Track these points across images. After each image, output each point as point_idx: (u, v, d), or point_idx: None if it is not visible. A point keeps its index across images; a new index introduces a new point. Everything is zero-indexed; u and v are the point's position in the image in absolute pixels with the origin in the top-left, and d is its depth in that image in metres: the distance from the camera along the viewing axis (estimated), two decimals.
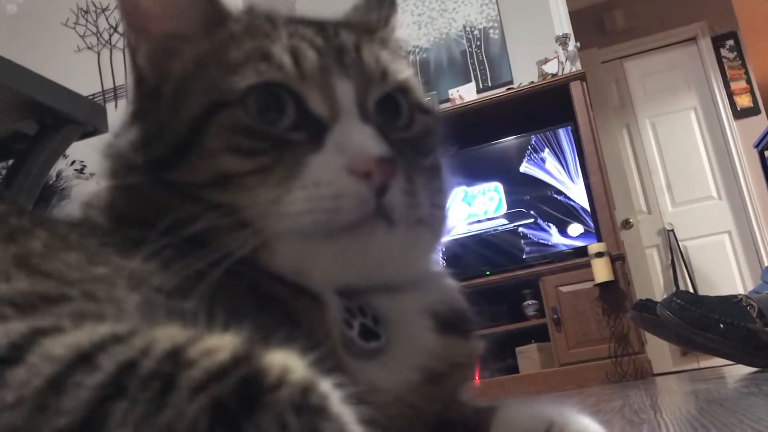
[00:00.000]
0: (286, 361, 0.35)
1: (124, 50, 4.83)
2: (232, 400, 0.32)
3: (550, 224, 4.03)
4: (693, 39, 5.56)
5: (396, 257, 0.58)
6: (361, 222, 0.54)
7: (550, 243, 4.01)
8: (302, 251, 0.55)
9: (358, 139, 0.55)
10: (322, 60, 0.58)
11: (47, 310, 0.42)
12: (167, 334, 0.36)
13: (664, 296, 4.91)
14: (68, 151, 1.94)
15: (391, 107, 0.62)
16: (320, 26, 0.63)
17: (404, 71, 0.64)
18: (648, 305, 2.39)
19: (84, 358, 0.34)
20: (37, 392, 0.32)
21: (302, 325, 0.54)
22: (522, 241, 4.03)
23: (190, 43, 0.61)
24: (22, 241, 0.52)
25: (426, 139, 0.64)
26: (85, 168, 4.54)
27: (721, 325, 2.15)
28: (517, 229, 4.06)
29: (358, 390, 0.38)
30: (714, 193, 5.31)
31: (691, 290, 4.91)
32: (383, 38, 0.67)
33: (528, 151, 4.18)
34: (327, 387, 0.34)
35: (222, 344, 0.35)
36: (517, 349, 3.76)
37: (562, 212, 4.02)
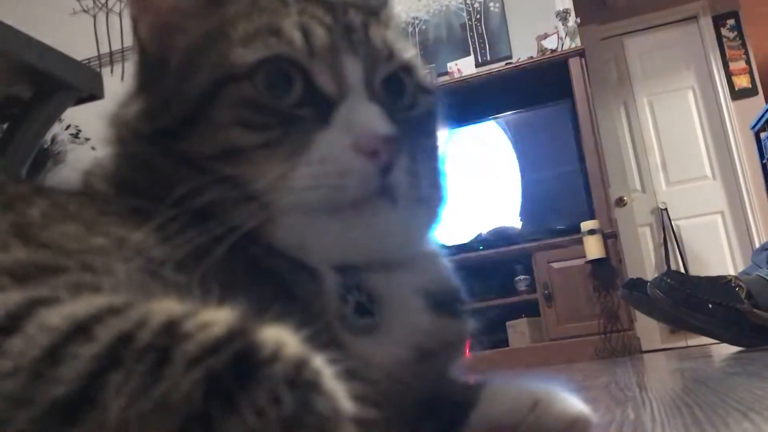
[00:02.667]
0: (281, 337, 0.36)
1: (120, 14, 4.78)
2: (227, 374, 0.32)
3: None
4: (694, 17, 5.52)
5: (396, 235, 0.59)
6: (365, 200, 0.55)
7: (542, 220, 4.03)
8: (305, 227, 0.55)
9: (365, 117, 0.56)
10: (331, 38, 0.58)
11: (44, 280, 0.42)
12: (163, 307, 0.37)
13: (655, 275, 4.96)
14: (63, 116, 1.93)
15: (395, 87, 0.62)
16: (329, 5, 0.63)
17: (409, 51, 0.65)
18: (638, 284, 2.42)
19: (80, 329, 0.34)
20: (34, 361, 0.33)
21: (299, 300, 0.54)
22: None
23: (195, 19, 0.61)
24: (20, 209, 0.52)
25: (428, 120, 0.65)
26: (80, 132, 4.53)
27: (710, 305, 2.18)
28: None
29: (351, 365, 0.39)
30: (709, 173, 5.32)
31: (683, 270, 4.95)
32: (386, 18, 0.67)
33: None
34: (320, 363, 0.35)
35: (217, 318, 0.36)
36: (508, 323, 3.79)
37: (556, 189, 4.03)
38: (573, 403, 0.58)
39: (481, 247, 3.87)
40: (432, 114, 0.66)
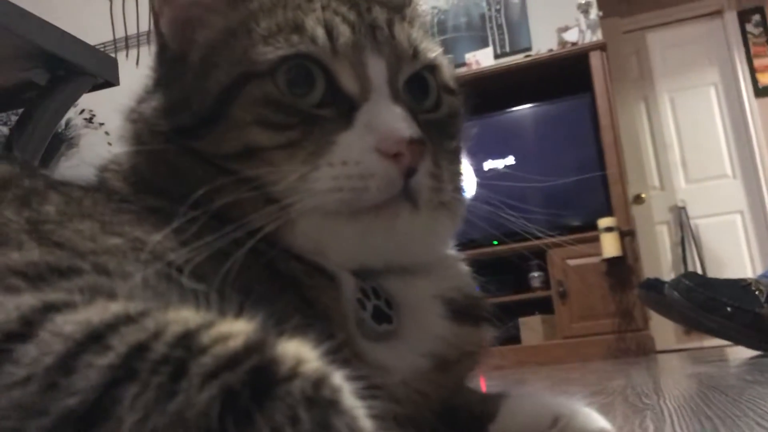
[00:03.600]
0: (299, 351, 0.35)
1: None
2: (244, 391, 0.31)
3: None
4: (719, 12, 5.44)
5: (417, 240, 0.58)
6: (387, 203, 0.54)
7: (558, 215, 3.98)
8: (325, 229, 0.55)
9: (389, 119, 0.55)
10: (355, 36, 0.57)
11: (58, 283, 0.42)
12: (180, 317, 0.36)
13: (672, 274, 4.92)
14: (78, 100, 1.94)
15: (419, 86, 0.61)
16: (353, 1, 0.61)
17: (434, 50, 0.63)
18: (656, 284, 2.39)
19: (95, 338, 0.34)
20: (47, 370, 0.32)
21: (317, 305, 0.54)
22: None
23: (218, 13, 0.60)
24: (35, 205, 0.52)
25: (452, 122, 0.64)
26: (94, 117, 4.54)
27: (728, 309, 2.15)
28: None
29: (369, 374, 0.38)
30: (729, 172, 5.25)
31: (700, 269, 4.90)
32: (411, 16, 0.65)
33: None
34: (339, 379, 0.34)
35: (235, 330, 0.35)
36: (521, 319, 3.77)
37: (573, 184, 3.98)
38: (594, 419, 0.57)
39: (495, 242, 3.84)
40: (456, 115, 0.64)
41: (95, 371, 0.32)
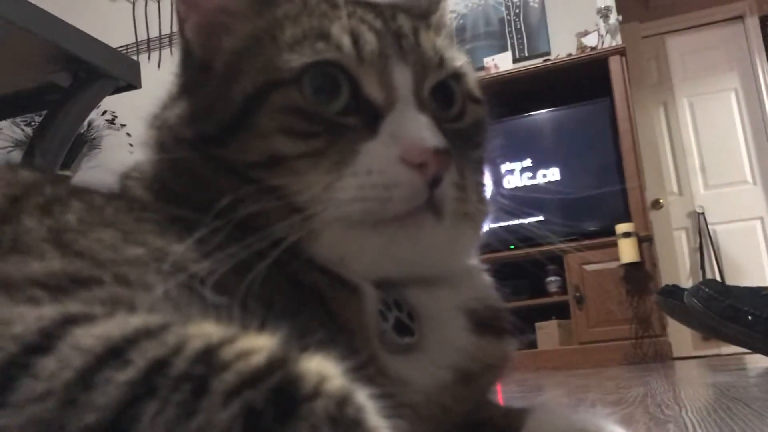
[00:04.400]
0: (323, 368, 0.34)
1: (159, 1, 4.81)
2: (266, 410, 0.31)
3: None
4: (740, 17, 5.38)
5: (440, 251, 0.57)
6: (411, 213, 0.53)
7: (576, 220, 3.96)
8: (348, 240, 0.54)
9: (414, 128, 0.54)
10: (381, 44, 0.57)
11: (77, 294, 0.41)
12: (201, 332, 0.35)
13: (690, 280, 4.87)
14: (100, 102, 1.95)
15: (444, 95, 0.60)
16: (378, 9, 0.61)
17: (459, 59, 0.63)
18: (674, 291, 2.37)
19: (114, 352, 0.33)
20: (66, 385, 0.31)
21: (340, 317, 0.53)
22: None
23: (243, 20, 0.60)
24: (57, 213, 0.51)
25: (476, 131, 0.63)
26: (116, 119, 4.58)
27: (749, 317, 2.12)
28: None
29: (392, 390, 0.37)
30: (749, 178, 5.20)
31: (718, 276, 4.85)
32: (436, 23, 0.64)
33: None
34: (363, 398, 0.34)
35: (257, 346, 0.34)
36: (537, 324, 3.75)
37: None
38: None
39: (512, 246, 3.82)
40: (481, 125, 0.63)
41: (114, 387, 0.31)
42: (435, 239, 0.55)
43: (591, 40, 4.21)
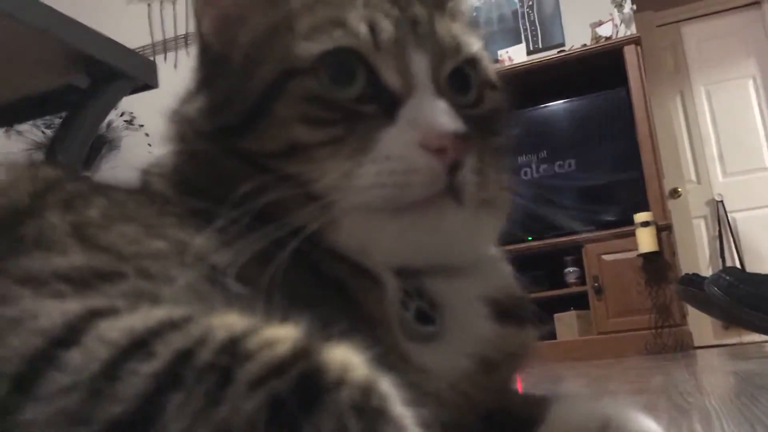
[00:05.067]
0: (346, 358, 0.34)
1: (174, 2, 4.83)
2: (291, 399, 0.31)
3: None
4: (757, 2, 5.31)
5: (461, 238, 0.57)
6: (431, 199, 0.53)
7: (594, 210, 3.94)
8: (368, 227, 0.54)
9: (433, 113, 0.54)
10: (397, 31, 0.57)
11: (101, 288, 0.42)
12: (224, 322, 0.36)
13: (710, 268, 4.83)
14: (118, 103, 1.97)
15: (460, 81, 0.60)
16: None
17: (476, 44, 0.62)
18: (695, 280, 2.36)
19: (139, 344, 0.33)
20: (92, 377, 0.32)
21: (361, 305, 0.53)
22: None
23: (259, 11, 0.60)
24: (79, 208, 0.52)
25: (495, 117, 0.62)
26: (134, 119, 4.61)
27: None
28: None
29: (415, 378, 0.37)
30: (767, 165, 5.14)
31: (738, 263, 4.80)
32: (452, 10, 0.64)
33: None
34: (387, 387, 0.34)
35: (281, 336, 0.35)
36: (556, 315, 3.74)
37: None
38: (646, 424, 0.55)
39: (530, 237, 3.81)
40: (499, 111, 0.63)
41: (140, 378, 0.31)
42: (455, 225, 0.55)
43: (605, 30, 4.18)
